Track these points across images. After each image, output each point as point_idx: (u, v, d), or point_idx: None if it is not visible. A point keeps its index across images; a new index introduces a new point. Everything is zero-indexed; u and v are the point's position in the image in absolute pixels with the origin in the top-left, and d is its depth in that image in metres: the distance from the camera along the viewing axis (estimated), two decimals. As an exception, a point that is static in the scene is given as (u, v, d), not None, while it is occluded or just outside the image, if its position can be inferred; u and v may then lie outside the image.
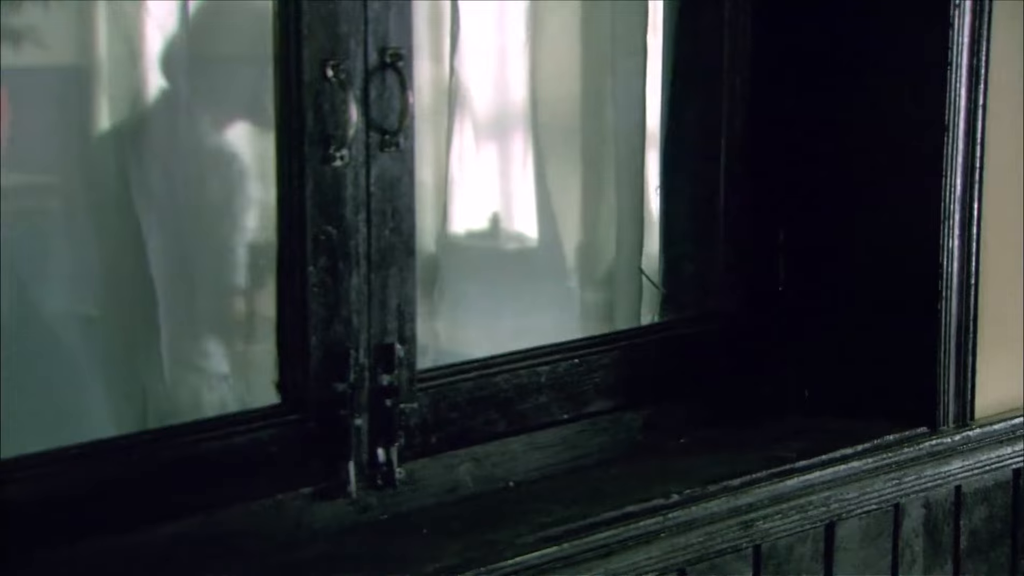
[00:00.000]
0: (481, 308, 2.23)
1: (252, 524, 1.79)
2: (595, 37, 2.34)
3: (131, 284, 1.81)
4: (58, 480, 1.65)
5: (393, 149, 1.87)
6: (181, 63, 1.83)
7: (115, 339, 1.82)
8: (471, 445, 2.00)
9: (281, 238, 1.83)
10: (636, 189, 2.36)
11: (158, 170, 1.81)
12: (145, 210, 1.80)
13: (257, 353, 1.93)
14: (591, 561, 1.87)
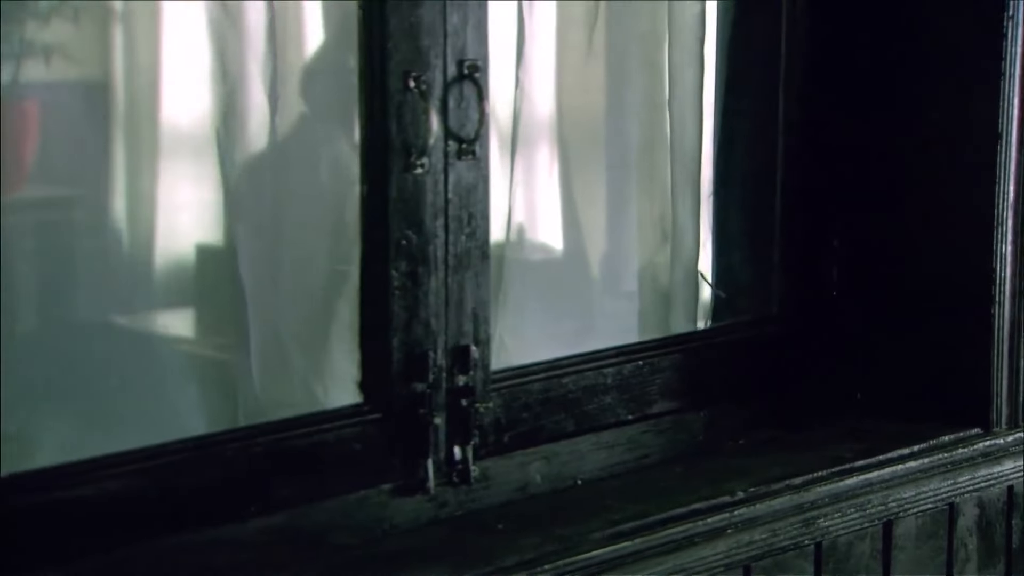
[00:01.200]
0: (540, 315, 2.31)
1: (337, 518, 1.88)
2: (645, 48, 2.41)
3: (223, 287, 1.90)
4: (154, 475, 1.74)
5: (470, 157, 1.96)
6: (269, 73, 1.92)
7: (207, 340, 1.91)
8: (541, 444, 2.09)
9: (365, 243, 1.92)
10: (694, 197, 2.44)
11: (249, 179, 1.90)
12: (238, 217, 1.89)
13: (337, 354, 2.01)
14: (660, 556, 1.96)
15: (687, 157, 2.43)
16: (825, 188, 2.41)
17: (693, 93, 2.42)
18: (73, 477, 1.67)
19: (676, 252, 2.44)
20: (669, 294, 2.45)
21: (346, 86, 1.95)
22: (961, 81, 2.30)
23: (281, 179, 1.97)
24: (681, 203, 2.43)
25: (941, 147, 2.33)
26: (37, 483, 1.65)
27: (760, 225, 2.43)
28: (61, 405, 1.80)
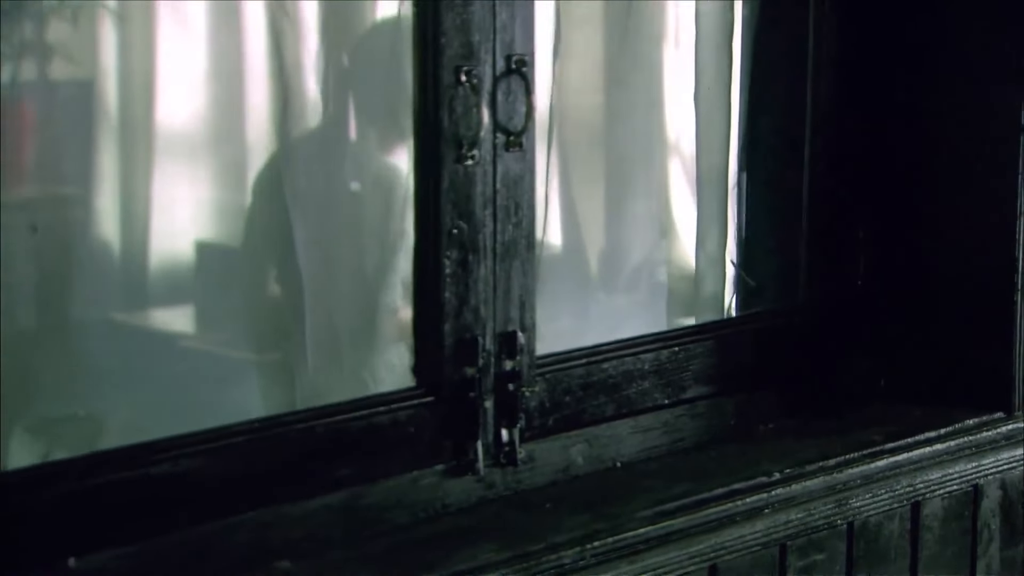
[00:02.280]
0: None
1: (392, 498, 1.97)
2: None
3: (281, 275, 1.98)
4: (223, 455, 1.83)
5: (517, 149, 2.05)
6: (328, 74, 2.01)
7: (265, 326, 1.99)
8: (583, 427, 2.18)
9: (419, 233, 2.00)
10: (720, 190, 2.53)
11: (306, 172, 1.98)
12: (295, 207, 1.97)
13: (388, 340, 2.10)
14: (702, 535, 2.05)
15: (713, 151, 2.52)
16: (851, 180, 2.50)
17: (721, 88, 2.51)
18: (150, 456, 1.76)
19: (701, 243, 2.53)
20: (696, 284, 2.54)
21: (395, 80, 2.05)
22: (985, 74, 2.40)
23: (333, 171, 2.06)
24: (707, 195, 2.52)
25: (965, 139, 2.43)
26: (117, 461, 1.73)
27: (788, 217, 2.52)
28: (128, 390, 1.89)
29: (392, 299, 2.10)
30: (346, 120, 2.06)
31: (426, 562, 1.84)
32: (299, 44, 1.97)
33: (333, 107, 2.03)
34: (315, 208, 2.00)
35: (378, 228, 2.07)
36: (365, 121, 2.09)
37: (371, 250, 2.07)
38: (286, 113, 1.97)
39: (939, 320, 2.48)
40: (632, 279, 2.51)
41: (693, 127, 2.51)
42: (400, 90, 2.02)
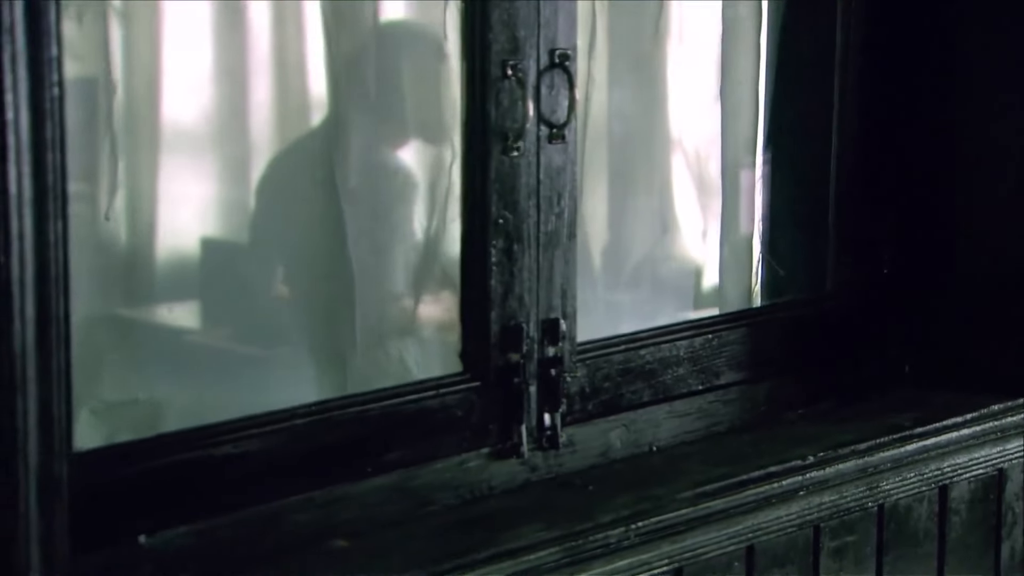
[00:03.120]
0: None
1: (441, 480, 2.04)
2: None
3: (332, 263, 2.05)
4: (284, 436, 1.90)
5: (559, 141, 2.12)
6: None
7: (317, 313, 2.06)
8: (621, 412, 2.25)
9: (466, 223, 2.07)
10: (748, 182, 2.60)
11: (357, 163, 2.05)
12: (346, 201, 2.04)
13: (432, 326, 2.17)
14: (741, 516, 2.12)
15: (740, 143, 2.59)
16: (877, 170, 2.57)
17: (749, 81, 2.58)
18: (214, 437, 1.83)
19: (727, 233, 2.60)
20: (721, 275, 2.61)
21: (437, 75, 2.12)
22: (1011, 65, 2.47)
23: (380, 162, 2.13)
24: (733, 188, 2.59)
25: (992, 127, 2.50)
26: (183, 442, 1.80)
27: (816, 207, 2.59)
28: (186, 375, 1.96)
29: (435, 284, 2.17)
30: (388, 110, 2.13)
31: (478, 541, 1.91)
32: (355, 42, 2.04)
33: (380, 98, 2.10)
34: (366, 201, 2.07)
35: (423, 214, 2.14)
36: (375, 120, 2.15)
37: (416, 236, 2.14)
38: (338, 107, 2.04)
39: (963, 308, 2.55)
40: (634, 275, 2.57)
41: (719, 121, 2.59)
42: (414, 89, 2.09)
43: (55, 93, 1.43)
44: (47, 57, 1.42)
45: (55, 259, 1.44)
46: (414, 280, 2.17)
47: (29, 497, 1.44)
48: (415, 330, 2.17)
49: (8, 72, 1.38)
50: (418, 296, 2.17)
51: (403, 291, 2.16)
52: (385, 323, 2.13)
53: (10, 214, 1.40)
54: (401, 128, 2.16)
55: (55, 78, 1.43)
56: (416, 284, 2.17)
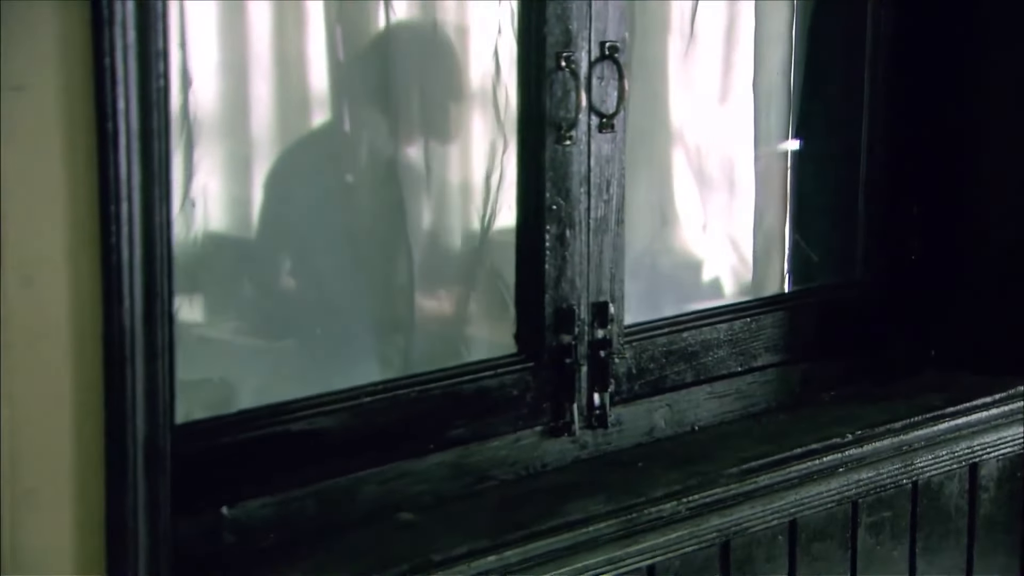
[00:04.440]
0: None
1: (497, 456, 2.13)
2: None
3: (394, 250, 2.14)
4: (346, 415, 1.99)
5: (609, 131, 2.21)
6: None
7: (379, 297, 2.15)
8: (665, 392, 2.35)
9: (521, 209, 2.16)
10: (780, 173, 2.69)
11: (418, 153, 2.15)
12: (408, 185, 2.13)
13: (483, 309, 2.26)
14: (784, 491, 2.22)
15: (771, 135, 2.68)
16: (906, 160, 2.67)
17: (780, 74, 2.67)
18: (290, 414, 1.92)
19: (759, 222, 2.69)
20: (755, 262, 2.70)
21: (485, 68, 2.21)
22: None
23: (437, 152, 2.22)
24: (765, 178, 2.68)
25: (1016, 118, 2.59)
26: (262, 418, 1.89)
27: (845, 196, 2.68)
28: (254, 356, 2.04)
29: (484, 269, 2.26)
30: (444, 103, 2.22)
31: (538, 514, 2.01)
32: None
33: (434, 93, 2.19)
34: (427, 195, 2.17)
35: (478, 202, 2.24)
36: (460, 103, 2.24)
37: (471, 223, 2.23)
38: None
39: (986, 294, 2.65)
40: (634, 267, 2.65)
41: (751, 113, 2.68)
42: (432, 88, 2.18)
43: (161, 84, 1.52)
44: (155, 50, 1.50)
45: (160, 241, 1.53)
46: (467, 268, 2.26)
47: (136, 466, 1.53)
48: (467, 315, 2.26)
49: (120, 63, 1.47)
50: (471, 282, 2.26)
51: (460, 274, 2.25)
52: (443, 306, 2.22)
53: (120, 199, 1.49)
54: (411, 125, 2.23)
55: (161, 69, 1.51)
56: (469, 271, 2.26)
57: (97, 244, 1.48)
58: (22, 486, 1.44)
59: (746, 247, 2.68)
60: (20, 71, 1.40)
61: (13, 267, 1.42)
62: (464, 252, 2.26)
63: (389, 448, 2.02)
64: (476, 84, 2.23)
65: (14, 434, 1.43)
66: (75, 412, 1.48)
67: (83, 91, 1.45)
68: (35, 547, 1.46)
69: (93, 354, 1.49)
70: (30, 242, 1.43)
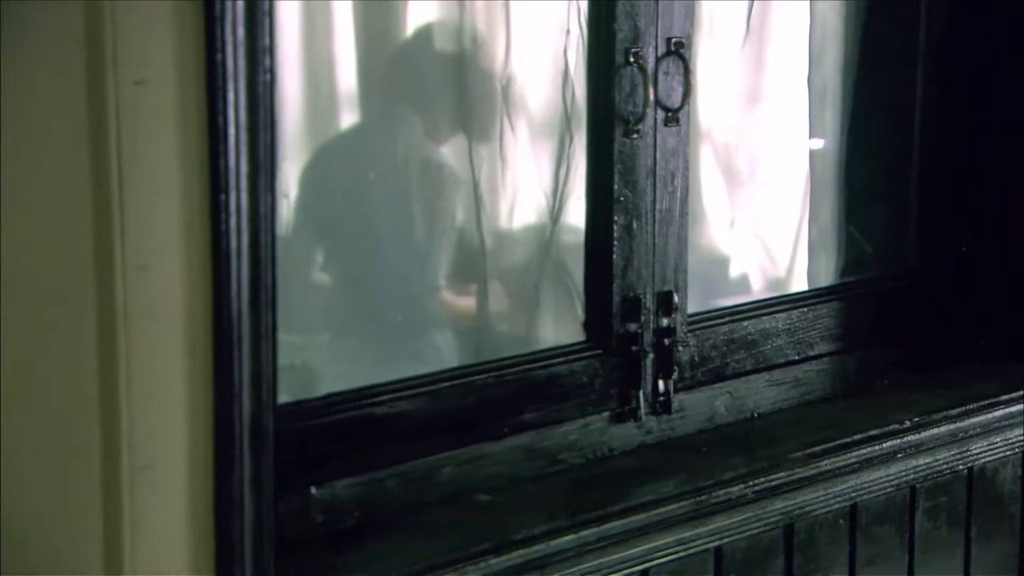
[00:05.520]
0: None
1: (567, 441, 2.21)
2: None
3: (468, 242, 2.22)
4: (426, 399, 2.06)
5: (674, 124, 2.28)
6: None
7: (453, 287, 2.23)
8: (725, 380, 2.42)
9: (591, 201, 2.24)
10: (834, 165, 2.75)
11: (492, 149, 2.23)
12: (481, 179, 2.21)
13: (549, 299, 2.33)
14: (845, 476, 2.29)
15: (825, 128, 2.75)
16: (957, 154, 2.73)
17: (835, 69, 2.74)
18: (373, 397, 1.99)
19: (815, 215, 2.76)
20: (810, 252, 2.77)
21: (555, 63, 2.28)
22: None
23: (509, 147, 2.29)
24: (819, 171, 2.75)
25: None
26: (348, 402, 1.97)
27: (898, 189, 2.75)
28: (336, 342, 2.12)
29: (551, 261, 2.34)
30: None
31: (610, 495, 2.08)
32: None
33: (512, 90, 2.26)
34: (501, 189, 2.25)
35: (546, 195, 2.31)
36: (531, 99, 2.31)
37: (540, 216, 2.31)
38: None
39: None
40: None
41: (806, 108, 2.74)
42: (456, 88, 2.24)
43: (267, 79, 1.59)
44: (262, 46, 1.58)
45: (264, 229, 1.61)
46: (535, 259, 2.33)
47: (243, 444, 1.60)
48: (534, 304, 2.33)
49: (230, 58, 1.55)
50: (538, 273, 2.34)
51: (530, 266, 2.33)
52: (512, 297, 2.30)
53: (229, 188, 1.57)
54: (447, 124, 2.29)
55: (267, 64, 1.59)
56: (536, 263, 2.33)
57: (207, 232, 1.55)
58: (139, 462, 1.51)
59: (802, 241, 2.76)
60: (141, 66, 1.47)
61: (131, 253, 1.49)
62: (532, 244, 2.33)
63: (466, 432, 2.10)
64: (547, 82, 2.31)
65: (132, 413, 1.50)
66: (187, 392, 1.55)
67: (196, 86, 1.53)
68: (151, 518, 1.53)
69: (203, 337, 1.56)
70: (146, 229, 1.51)
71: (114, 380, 1.49)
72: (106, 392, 1.49)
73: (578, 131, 2.29)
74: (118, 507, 1.51)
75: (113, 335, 1.49)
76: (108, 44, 1.45)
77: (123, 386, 1.50)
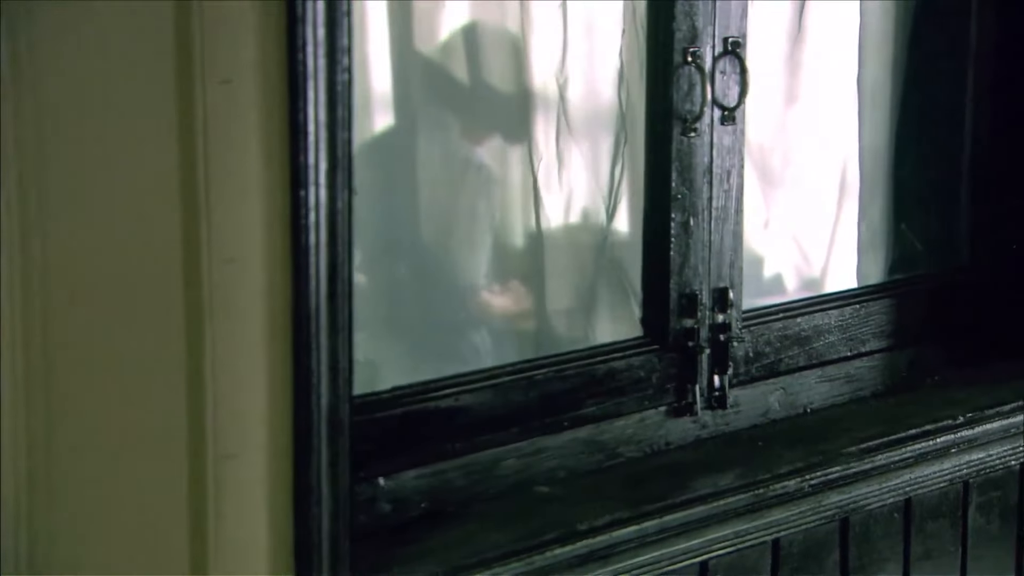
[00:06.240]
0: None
1: (624, 435, 2.26)
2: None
3: (529, 242, 2.27)
4: (488, 393, 2.11)
5: (730, 123, 2.32)
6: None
7: (512, 284, 2.28)
8: (779, 376, 2.46)
9: (648, 199, 2.28)
10: (886, 165, 2.79)
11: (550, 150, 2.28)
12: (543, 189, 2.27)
13: (605, 296, 2.38)
14: (899, 470, 2.33)
15: (877, 128, 2.78)
16: (1007, 152, 2.76)
17: (884, 68, 2.77)
18: (437, 391, 2.04)
19: (864, 211, 2.80)
20: (859, 251, 2.80)
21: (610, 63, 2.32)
22: None
23: (566, 147, 2.34)
24: (870, 169, 2.78)
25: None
26: (412, 395, 2.02)
27: (949, 187, 2.78)
28: (399, 339, 2.17)
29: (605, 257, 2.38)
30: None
31: (669, 488, 2.13)
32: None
33: (569, 89, 2.31)
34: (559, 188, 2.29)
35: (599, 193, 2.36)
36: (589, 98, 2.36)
37: (597, 214, 2.36)
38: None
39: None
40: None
41: (856, 107, 2.78)
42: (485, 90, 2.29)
43: (345, 78, 1.64)
44: (340, 45, 1.63)
45: (342, 224, 1.66)
46: (591, 257, 2.37)
47: (320, 434, 1.65)
48: (591, 301, 2.38)
49: (311, 58, 1.59)
50: (594, 271, 2.38)
51: (586, 262, 2.37)
52: (568, 294, 2.34)
53: (308, 184, 1.62)
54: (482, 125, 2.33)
55: (346, 63, 1.64)
56: (592, 261, 2.37)
57: (288, 227, 1.60)
58: (223, 451, 1.56)
59: (845, 241, 2.80)
60: (226, 66, 1.52)
61: (217, 247, 1.54)
62: (588, 243, 2.38)
63: (527, 425, 2.14)
64: (602, 82, 2.36)
65: (217, 404, 1.55)
66: (268, 383, 1.60)
67: (278, 85, 1.58)
68: (234, 504, 1.58)
69: (283, 329, 1.61)
70: (232, 224, 1.56)
71: (200, 370, 1.54)
72: (193, 382, 1.54)
73: (632, 130, 2.34)
74: (203, 495, 1.56)
75: (200, 327, 1.54)
76: (196, 45, 1.50)
77: (209, 376, 1.55)
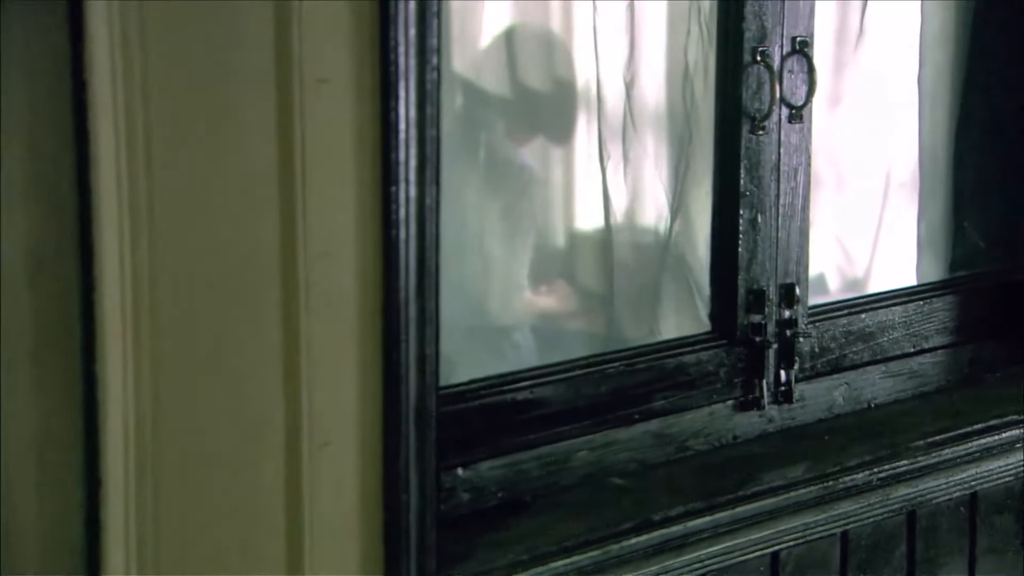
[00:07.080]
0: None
1: (693, 428, 2.30)
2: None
3: (599, 240, 2.33)
4: (562, 386, 2.16)
5: (798, 121, 2.36)
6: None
7: (583, 281, 2.34)
8: (844, 371, 2.50)
9: (717, 196, 2.33)
10: (945, 162, 2.82)
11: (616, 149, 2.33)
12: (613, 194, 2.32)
13: (670, 292, 2.43)
14: (965, 465, 2.37)
15: (937, 127, 2.82)
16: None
17: (945, 66, 2.81)
18: (514, 384, 2.09)
19: (924, 211, 2.83)
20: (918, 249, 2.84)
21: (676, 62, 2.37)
22: None
23: (633, 145, 2.38)
24: (930, 168, 2.82)
25: None
26: (490, 387, 2.08)
27: (1010, 185, 2.81)
28: (468, 334, 2.22)
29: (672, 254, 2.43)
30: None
31: (740, 480, 2.17)
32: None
33: (636, 89, 2.35)
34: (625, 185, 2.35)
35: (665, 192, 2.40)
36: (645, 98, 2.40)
37: (661, 213, 2.40)
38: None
39: None
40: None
41: (916, 106, 2.81)
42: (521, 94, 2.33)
43: (434, 76, 1.69)
44: (430, 45, 1.68)
45: (430, 219, 1.71)
46: (656, 254, 2.42)
47: (409, 424, 1.71)
48: (657, 297, 2.42)
49: (402, 57, 1.65)
50: (660, 267, 2.42)
51: (647, 262, 2.42)
52: (634, 290, 2.39)
53: (399, 181, 1.67)
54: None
55: (435, 62, 1.69)
56: (658, 257, 2.42)
57: (379, 222, 1.66)
58: (319, 440, 1.62)
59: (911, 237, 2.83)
60: (323, 65, 1.58)
61: (313, 241, 1.60)
62: (653, 239, 2.42)
63: (599, 417, 2.19)
64: (668, 81, 2.40)
65: (312, 393, 1.61)
66: (359, 373, 1.66)
67: (371, 83, 1.63)
68: (328, 491, 1.64)
69: (374, 321, 1.67)
70: (327, 219, 1.61)
71: (296, 360, 1.60)
72: (289, 372, 1.60)
73: (697, 128, 2.38)
74: (298, 481, 1.61)
75: (296, 319, 1.59)
76: (295, 45, 1.55)
77: (304, 366, 1.60)
